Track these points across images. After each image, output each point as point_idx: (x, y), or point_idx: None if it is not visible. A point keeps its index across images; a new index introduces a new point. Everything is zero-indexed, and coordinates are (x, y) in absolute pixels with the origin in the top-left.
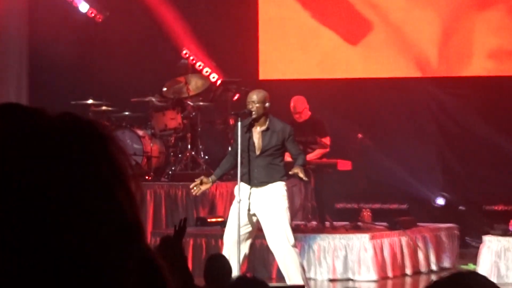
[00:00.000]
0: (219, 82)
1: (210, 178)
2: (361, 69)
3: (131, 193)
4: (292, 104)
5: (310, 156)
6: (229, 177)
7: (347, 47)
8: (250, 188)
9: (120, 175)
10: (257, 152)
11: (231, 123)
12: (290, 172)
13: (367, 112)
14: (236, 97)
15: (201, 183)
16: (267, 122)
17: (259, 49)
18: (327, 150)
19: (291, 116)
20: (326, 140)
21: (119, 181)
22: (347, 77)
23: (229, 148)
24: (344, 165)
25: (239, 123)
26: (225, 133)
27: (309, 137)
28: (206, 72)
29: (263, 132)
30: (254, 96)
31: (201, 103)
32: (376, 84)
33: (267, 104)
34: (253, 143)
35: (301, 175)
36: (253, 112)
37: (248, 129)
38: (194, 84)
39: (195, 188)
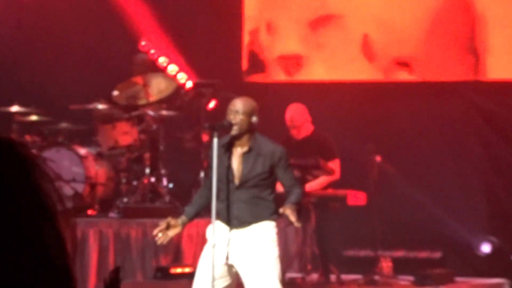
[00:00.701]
0: (189, 84)
1: (179, 220)
2: (377, 69)
3: (60, 235)
4: (288, 115)
5: (312, 186)
6: (201, 213)
7: (360, 41)
8: (229, 230)
9: (46, 212)
10: (237, 182)
11: (204, 140)
12: (280, 210)
13: (387, 127)
14: (212, 105)
15: (168, 227)
16: (250, 142)
17: (243, 41)
18: (335, 177)
19: (286, 131)
20: (334, 164)
21: (46, 220)
22: (359, 80)
23: (201, 175)
24: (357, 198)
25: (216, 140)
26: (196, 153)
27: (311, 160)
28: (172, 70)
29: (244, 154)
30: (239, 105)
31: (164, 113)
32: (398, 89)
33: (254, 119)
34: (232, 170)
35: (292, 218)
36: (235, 126)
37: (227, 150)
38: (156, 87)
39: (160, 235)
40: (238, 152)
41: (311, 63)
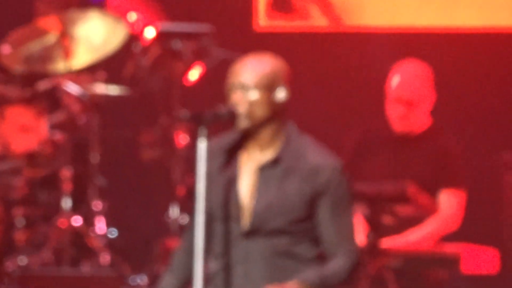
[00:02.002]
0: (151, 33)
1: None
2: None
3: None
4: (398, 81)
5: (413, 239)
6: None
7: None
8: None
9: None
10: (246, 222)
11: (179, 143)
12: None
13: None
14: (195, 75)
15: None
16: (277, 144)
17: None
18: (453, 226)
19: (379, 115)
20: (452, 198)
21: None
22: (479, 27)
23: (173, 212)
24: (481, 260)
25: (203, 144)
26: (164, 170)
27: (391, 184)
28: (119, 8)
29: (263, 170)
30: (250, 72)
31: (101, 90)
32: None
33: (280, 95)
34: (238, 199)
35: None
36: (242, 116)
37: (230, 159)
38: (85, 40)
39: None
40: (252, 163)
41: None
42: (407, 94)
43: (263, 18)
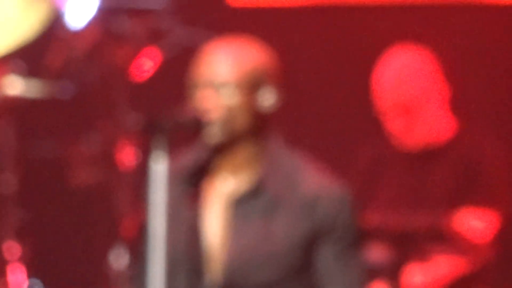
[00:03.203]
0: (88, 9)
1: None
2: None
3: None
4: (389, 78)
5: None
6: None
7: None
8: None
9: None
10: (218, 277)
11: (124, 163)
12: None
13: None
14: (146, 66)
15: None
16: (258, 165)
17: None
18: (477, 262)
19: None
20: (482, 222)
21: None
22: None
23: (117, 260)
24: None
25: (159, 163)
26: (103, 199)
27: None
28: None
29: (240, 202)
30: (224, 66)
31: (17, 88)
32: None
33: (268, 97)
34: (205, 245)
35: None
36: (215, 127)
37: (192, 188)
38: None
39: None
40: (223, 193)
41: None
42: (404, 97)
43: None
